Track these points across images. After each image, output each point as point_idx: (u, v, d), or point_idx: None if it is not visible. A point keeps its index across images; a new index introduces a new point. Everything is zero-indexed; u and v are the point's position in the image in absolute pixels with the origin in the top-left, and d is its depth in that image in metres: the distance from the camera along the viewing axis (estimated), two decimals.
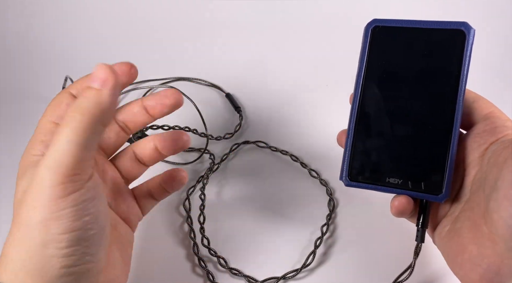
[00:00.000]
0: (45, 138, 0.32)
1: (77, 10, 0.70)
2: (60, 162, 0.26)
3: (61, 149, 0.26)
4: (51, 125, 0.32)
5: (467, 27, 0.34)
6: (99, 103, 0.27)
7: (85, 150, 0.27)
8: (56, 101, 0.33)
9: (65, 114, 0.27)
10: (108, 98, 0.27)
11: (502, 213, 0.28)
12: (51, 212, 0.26)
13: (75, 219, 0.27)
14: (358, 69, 0.37)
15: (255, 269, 0.43)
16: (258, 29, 0.68)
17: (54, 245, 0.27)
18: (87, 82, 0.28)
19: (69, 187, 0.27)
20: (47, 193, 0.26)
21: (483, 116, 0.35)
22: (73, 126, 0.26)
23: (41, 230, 0.26)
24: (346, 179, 0.36)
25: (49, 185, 0.26)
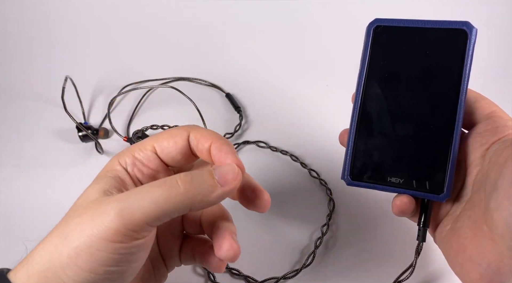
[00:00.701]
0: (137, 156, 0.32)
1: (77, 10, 0.70)
2: (131, 213, 0.26)
3: (141, 203, 0.27)
4: (151, 150, 0.33)
5: (469, 26, 0.34)
6: (207, 196, 0.28)
7: (159, 218, 0.27)
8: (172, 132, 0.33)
9: (175, 177, 0.28)
10: (217, 198, 0.29)
11: (502, 212, 0.28)
12: (89, 246, 0.26)
13: (102, 265, 0.27)
14: (360, 68, 0.37)
15: (255, 269, 0.43)
16: (258, 29, 0.68)
17: (71, 275, 0.26)
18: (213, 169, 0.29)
19: (121, 237, 0.26)
20: (100, 229, 0.26)
21: (485, 116, 0.35)
22: (170, 194, 0.27)
23: (71, 254, 0.26)
24: (347, 178, 0.36)
25: (107, 226, 0.26)
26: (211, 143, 0.32)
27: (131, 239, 0.27)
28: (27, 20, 0.70)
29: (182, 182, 0.28)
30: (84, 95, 0.59)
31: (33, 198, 0.49)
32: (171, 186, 0.27)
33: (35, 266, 0.27)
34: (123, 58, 0.65)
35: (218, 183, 0.29)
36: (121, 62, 0.64)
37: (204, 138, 0.32)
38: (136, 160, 0.32)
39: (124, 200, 0.27)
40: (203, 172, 0.29)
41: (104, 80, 0.61)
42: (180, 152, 0.32)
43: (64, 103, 0.54)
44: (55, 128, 0.56)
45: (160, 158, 0.33)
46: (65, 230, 0.27)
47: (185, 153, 0.33)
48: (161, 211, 0.27)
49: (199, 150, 0.33)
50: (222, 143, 0.32)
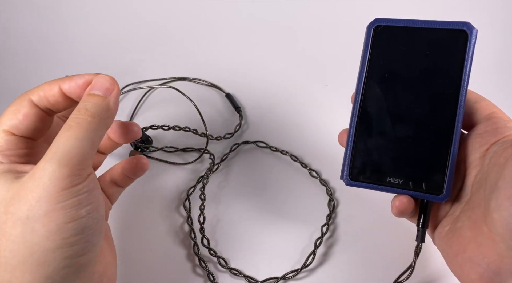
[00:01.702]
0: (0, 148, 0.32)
1: (77, 10, 0.70)
2: (71, 157, 0.28)
3: (71, 146, 0.28)
4: (6, 135, 0.32)
5: (470, 27, 0.34)
6: (107, 109, 0.31)
7: (92, 148, 0.30)
8: (13, 109, 0.33)
9: (72, 116, 0.30)
10: (114, 105, 0.32)
11: (502, 213, 0.28)
12: (56, 202, 0.28)
13: (79, 208, 0.28)
14: (360, 68, 0.37)
15: (255, 269, 0.43)
16: (258, 29, 0.68)
17: (58, 236, 0.27)
18: (90, 90, 0.32)
19: (75, 180, 0.28)
20: (53, 185, 0.27)
21: (485, 117, 0.35)
22: (84, 127, 0.29)
23: (45, 222, 0.27)
24: (347, 178, 0.36)
25: (57, 178, 0.28)
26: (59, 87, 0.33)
27: (84, 177, 0.29)
28: (27, 20, 0.70)
29: (83, 114, 0.30)
30: None
31: None
32: (79, 123, 0.30)
33: (12, 261, 0.27)
34: (123, 58, 0.64)
35: (105, 95, 0.32)
36: (121, 62, 0.64)
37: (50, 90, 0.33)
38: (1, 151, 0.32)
39: (54, 154, 0.28)
40: (86, 99, 0.31)
41: None
42: (36, 119, 0.33)
43: None
44: None
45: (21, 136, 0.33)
46: (18, 216, 0.27)
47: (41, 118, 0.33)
48: (89, 142, 0.30)
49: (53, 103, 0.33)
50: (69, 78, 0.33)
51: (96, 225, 0.30)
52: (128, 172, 0.39)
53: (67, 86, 0.33)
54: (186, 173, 0.51)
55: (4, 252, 0.28)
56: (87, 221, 0.29)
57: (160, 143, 0.53)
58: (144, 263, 0.43)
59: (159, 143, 0.53)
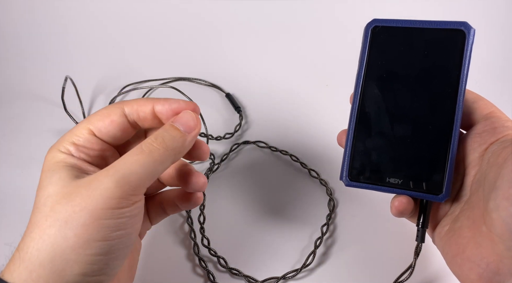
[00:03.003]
0: (77, 142, 0.33)
1: (77, 10, 0.70)
2: (129, 181, 0.29)
3: (134, 170, 0.29)
4: (88, 133, 0.33)
5: (467, 27, 0.34)
6: (181, 146, 0.32)
7: (152, 178, 0.31)
8: (105, 112, 0.34)
9: (148, 141, 0.31)
10: (189, 144, 0.33)
11: (501, 213, 0.28)
12: (97, 218, 0.28)
13: (114, 230, 0.29)
14: (358, 69, 0.37)
15: (255, 269, 0.43)
16: (258, 29, 0.68)
17: (84, 251, 0.28)
18: (173, 121, 0.33)
19: (123, 203, 0.29)
20: (102, 201, 0.28)
21: (483, 117, 0.35)
22: (154, 156, 0.30)
23: (78, 233, 0.28)
24: (346, 179, 0.36)
25: (109, 196, 0.28)
26: (152, 105, 0.34)
27: (131, 202, 0.30)
28: (27, 20, 0.70)
29: (158, 144, 0.31)
30: (84, 95, 0.59)
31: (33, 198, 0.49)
32: (151, 151, 0.30)
33: (35, 260, 0.28)
34: (123, 58, 0.65)
35: (185, 132, 0.32)
36: (121, 62, 0.64)
37: (143, 105, 0.34)
38: (77, 146, 0.33)
39: (116, 172, 0.29)
40: (167, 128, 0.32)
41: (104, 80, 0.62)
42: (120, 129, 0.34)
43: (64, 103, 0.54)
44: (55, 128, 0.56)
45: (100, 138, 0.34)
46: (59, 217, 0.28)
47: (124, 129, 0.35)
48: (152, 172, 0.30)
49: (141, 118, 0.35)
50: (164, 100, 0.34)
51: (121, 251, 0.30)
52: (180, 202, 0.39)
53: (160, 107, 0.34)
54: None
55: (33, 249, 0.28)
56: (115, 244, 0.29)
57: None
58: (144, 263, 0.43)
59: None
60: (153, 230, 0.45)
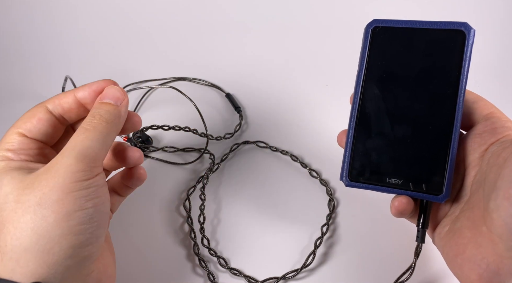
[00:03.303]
0: (12, 147, 0.34)
1: (77, 10, 0.70)
2: (86, 155, 0.31)
3: (87, 145, 0.31)
4: (19, 136, 0.35)
5: (467, 27, 0.34)
6: (119, 116, 0.35)
7: (104, 149, 0.33)
8: (29, 114, 0.35)
9: (87, 120, 0.33)
10: (124, 113, 0.35)
11: (501, 213, 0.28)
12: (69, 191, 0.29)
13: (87, 199, 0.30)
14: (358, 69, 0.37)
15: (255, 269, 0.43)
16: (258, 29, 0.68)
17: (66, 223, 0.29)
18: (101, 99, 0.35)
19: (87, 174, 0.31)
20: (68, 176, 0.30)
21: (483, 117, 0.35)
22: (99, 130, 0.32)
23: (55, 209, 0.29)
24: (346, 179, 0.36)
25: (72, 170, 0.30)
26: (74, 94, 0.36)
27: (95, 174, 0.31)
28: (27, 20, 0.70)
29: (97, 119, 0.33)
30: None
31: None
32: (95, 126, 0.33)
33: (18, 248, 0.28)
34: (123, 58, 0.65)
35: (116, 104, 0.35)
36: (121, 62, 0.64)
37: (65, 97, 0.36)
38: (13, 151, 0.34)
39: (72, 150, 0.31)
40: (99, 106, 0.34)
41: None
42: (49, 125, 0.36)
43: None
44: None
45: (33, 138, 0.35)
46: (29, 203, 0.29)
47: (53, 125, 0.36)
48: (102, 143, 0.32)
49: (67, 110, 0.36)
50: (83, 86, 0.36)
51: (101, 218, 0.32)
52: (126, 181, 0.40)
53: (81, 93, 0.36)
54: (186, 173, 0.51)
55: (11, 240, 0.28)
56: (93, 212, 0.31)
57: (160, 143, 0.54)
58: (144, 263, 0.43)
59: (159, 143, 0.54)
60: (153, 230, 0.45)
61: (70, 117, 0.37)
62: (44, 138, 0.36)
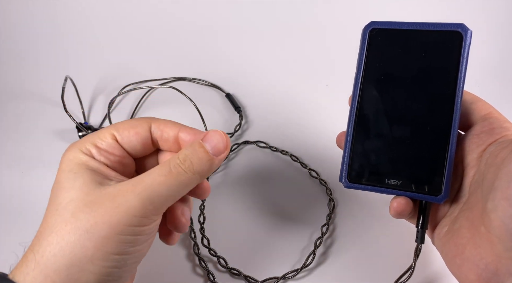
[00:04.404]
0: (100, 145, 0.34)
1: (77, 10, 0.70)
2: (154, 202, 0.30)
3: (159, 192, 0.30)
4: (111, 138, 0.34)
5: (464, 28, 0.34)
6: (208, 170, 0.32)
7: (173, 200, 0.32)
8: (132, 123, 0.35)
9: (176, 162, 0.31)
10: (215, 167, 0.33)
11: (499, 213, 0.28)
12: (118, 233, 0.29)
13: (131, 246, 0.30)
14: (356, 71, 0.37)
15: (255, 269, 0.43)
16: (258, 29, 0.68)
17: (101, 263, 0.28)
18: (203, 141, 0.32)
19: (144, 221, 0.30)
20: (125, 218, 0.29)
21: (481, 117, 0.35)
22: (180, 180, 0.31)
23: (98, 245, 0.28)
24: (345, 180, 0.36)
25: (133, 214, 0.29)
26: (178, 130, 0.35)
27: (152, 221, 0.31)
28: (27, 20, 0.70)
29: (185, 167, 0.31)
30: (84, 95, 0.59)
31: (33, 198, 0.49)
32: (179, 173, 0.31)
33: (51, 265, 0.28)
34: (123, 58, 0.65)
35: (213, 155, 0.32)
36: (121, 62, 0.64)
37: (169, 127, 0.35)
38: (99, 149, 0.33)
39: (142, 191, 0.29)
40: (196, 149, 0.32)
41: (104, 80, 0.62)
42: (142, 142, 0.35)
43: (64, 103, 0.54)
44: (55, 128, 0.56)
45: (121, 146, 0.34)
46: (80, 225, 0.28)
47: (146, 143, 0.35)
48: (176, 194, 0.31)
49: (164, 139, 0.35)
50: (191, 128, 0.35)
51: (134, 264, 0.31)
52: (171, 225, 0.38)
53: (185, 135, 0.35)
54: None
55: (49, 254, 0.28)
56: (130, 258, 0.30)
57: None
58: (144, 263, 0.43)
59: None
60: None
61: (162, 145, 0.36)
62: (131, 151, 0.35)
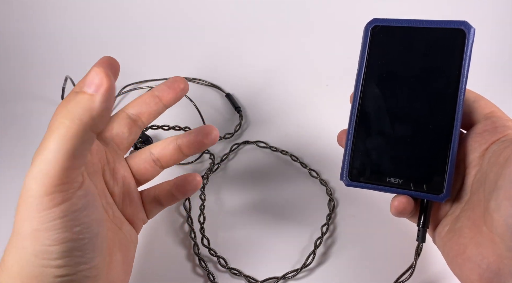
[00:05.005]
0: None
1: (77, 10, 0.70)
2: (46, 172, 0.25)
3: (47, 158, 0.25)
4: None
5: (467, 26, 0.34)
6: (90, 110, 0.25)
7: (73, 158, 0.25)
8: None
9: (53, 120, 0.26)
10: (100, 104, 0.25)
11: (502, 213, 0.28)
12: (40, 223, 0.25)
13: (65, 230, 0.26)
14: (358, 69, 0.37)
15: (255, 269, 0.43)
16: (258, 29, 0.68)
17: (45, 256, 0.26)
18: (80, 86, 0.26)
19: (57, 197, 0.25)
20: (34, 204, 0.25)
21: (484, 116, 0.35)
22: (61, 133, 0.25)
23: (32, 241, 0.26)
24: (346, 179, 0.36)
25: (36, 196, 0.25)
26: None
27: (67, 194, 0.26)
28: (27, 20, 0.70)
29: (62, 117, 0.25)
30: None
31: None
32: (58, 127, 0.25)
33: (14, 269, 0.27)
34: (123, 58, 0.64)
35: (92, 93, 0.25)
36: (121, 62, 0.63)
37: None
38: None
39: (31, 170, 0.25)
40: (69, 95, 0.26)
41: None
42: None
43: None
44: None
45: None
46: (16, 227, 0.27)
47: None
48: (68, 151, 0.25)
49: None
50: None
51: (87, 245, 0.28)
52: (178, 188, 0.39)
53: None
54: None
55: (12, 261, 0.27)
56: (74, 243, 0.27)
57: None
58: (144, 263, 0.43)
59: None
60: (153, 230, 0.45)
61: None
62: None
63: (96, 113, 0.25)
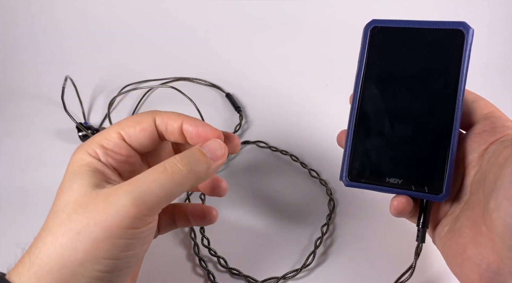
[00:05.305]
0: (107, 146, 0.33)
1: (77, 10, 0.70)
2: (146, 201, 0.28)
3: (152, 189, 0.29)
4: (118, 137, 0.34)
5: (466, 27, 0.34)
6: (205, 172, 0.32)
7: (169, 200, 0.30)
8: (137, 119, 0.34)
9: (173, 160, 0.30)
10: (212, 171, 0.32)
11: (501, 213, 0.28)
12: (109, 236, 0.28)
13: (122, 251, 0.29)
14: (358, 69, 0.37)
15: (255, 269, 0.43)
16: (258, 29, 0.68)
17: (91, 266, 0.28)
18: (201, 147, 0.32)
19: (137, 223, 0.29)
20: (116, 219, 0.28)
21: (483, 116, 0.35)
22: (175, 179, 0.30)
23: (88, 248, 0.28)
24: (346, 179, 0.36)
25: (123, 215, 0.28)
26: (181, 122, 0.34)
27: (145, 223, 0.29)
28: (27, 20, 0.70)
29: (182, 166, 0.30)
30: (84, 95, 0.59)
31: (33, 198, 0.49)
32: (174, 172, 0.30)
33: (45, 267, 0.28)
34: (123, 58, 0.65)
35: (210, 159, 0.32)
36: (121, 62, 0.64)
37: (173, 120, 0.34)
38: (106, 149, 0.33)
39: (135, 190, 0.29)
40: (194, 152, 0.32)
41: (104, 80, 0.62)
42: (149, 138, 0.34)
43: (64, 103, 0.54)
44: (55, 128, 0.56)
45: (129, 144, 0.34)
46: (73, 227, 0.28)
47: (153, 138, 0.35)
48: (170, 193, 0.30)
49: (169, 131, 0.35)
50: (194, 119, 0.35)
51: (127, 269, 0.30)
52: (193, 218, 0.39)
53: (187, 127, 0.34)
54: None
55: (43, 255, 0.28)
56: (121, 263, 0.29)
57: None
58: (144, 263, 0.43)
59: None
60: None
61: (169, 138, 0.35)
62: (139, 147, 0.35)
63: (206, 177, 0.32)
